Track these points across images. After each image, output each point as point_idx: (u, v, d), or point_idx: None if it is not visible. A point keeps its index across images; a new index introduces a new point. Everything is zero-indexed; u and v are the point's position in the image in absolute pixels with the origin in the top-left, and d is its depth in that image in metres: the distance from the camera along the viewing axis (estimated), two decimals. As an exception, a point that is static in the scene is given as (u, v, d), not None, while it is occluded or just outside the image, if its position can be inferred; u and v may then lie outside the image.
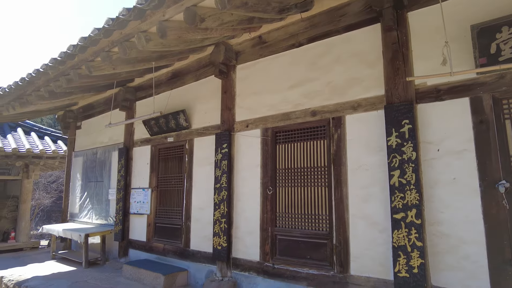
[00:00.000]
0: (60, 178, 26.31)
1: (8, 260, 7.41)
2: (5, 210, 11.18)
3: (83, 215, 7.71)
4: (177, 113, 5.45)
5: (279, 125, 4.32)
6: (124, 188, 6.39)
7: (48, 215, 23.63)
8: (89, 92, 6.46)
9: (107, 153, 7.28)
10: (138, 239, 6.10)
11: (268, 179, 4.32)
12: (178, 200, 5.60)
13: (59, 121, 8.97)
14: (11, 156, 9.63)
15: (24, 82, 5.48)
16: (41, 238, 13.67)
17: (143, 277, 5.01)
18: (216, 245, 4.55)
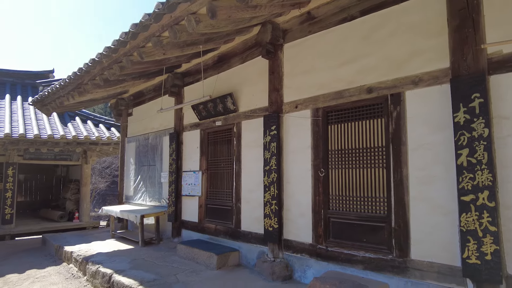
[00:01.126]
0: (113, 163, 28.10)
1: (75, 237, 8.07)
2: (69, 193, 12.18)
3: (137, 198, 8.15)
4: (224, 97, 5.47)
5: (330, 105, 4.16)
6: (176, 171, 6.61)
7: (103, 198, 25.50)
8: (140, 79, 6.68)
9: (158, 138, 7.57)
10: (190, 220, 6.32)
11: (319, 161, 4.21)
12: (227, 182, 5.68)
13: (112, 108, 9.45)
14: (71, 143, 10.39)
15: (81, 72, 5.78)
16: (98, 219, 14.78)
17: (196, 256, 5.19)
18: (267, 226, 4.56)
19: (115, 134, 11.30)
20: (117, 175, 27.71)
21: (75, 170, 13.26)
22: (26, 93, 13.26)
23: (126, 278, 4.55)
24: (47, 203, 14.87)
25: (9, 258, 7.48)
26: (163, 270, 4.86)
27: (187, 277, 4.53)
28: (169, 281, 4.36)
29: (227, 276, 4.56)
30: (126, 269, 4.97)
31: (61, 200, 13.61)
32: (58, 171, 15.53)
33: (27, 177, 15.07)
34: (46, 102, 8.20)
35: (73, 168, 13.48)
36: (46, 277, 5.87)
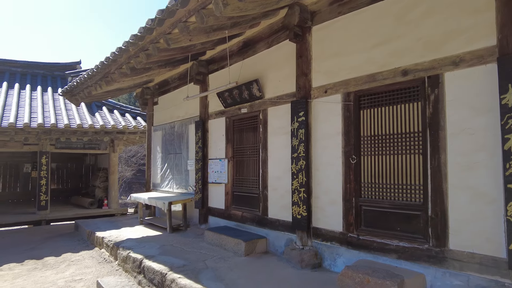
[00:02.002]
0: (138, 152, 28.84)
1: (105, 224, 8.34)
2: (98, 181, 12.57)
3: (164, 185, 8.28)
4: (250, 83, 5.38)
5: (362, 89, 3.99)
6: (202, 159, 6.65)
7: (129, 186, 26.30)
8: (165, 67, 6.69)
9: (184, 127, 7.61)
10: (217, 207, 6.36)
11: (351, 147, 4.07)
12: (254, 170, 5.64)
13: (138, 98, 9.57)
14: (99, 132, 10.66)
15: (108, 61, 5.84)
16: (125, 206, 15.25)
17: (224, 243, 5.22)
18: (296, 214, 4.50)
19: (141, 123, 11.50)
20: (142, 163, 28.55)
21: (103, 159, 13.65)
22: (55, 84, 13.68)
23: (156, 263, 4.63)
24: (77, 190, 15.47)
25: (46, 242, 7.84)
26: (191, 256, 4.92)
27: (215, 263, 4.57)
28: (198, 267, 4.41)
29: (255, 262, 4.56)
30: (156, 255, 5.06)
31: (91, 187, 14.11)
32: (86, 160, 16.07)
33: (59, 165, 15.70)
34: (75, 92, 8.40)
35: (101, 157, 13.88)
36: (81, 261, 6.11)
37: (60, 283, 4.95)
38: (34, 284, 4.95)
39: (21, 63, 14.20)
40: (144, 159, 28.51)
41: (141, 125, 11.37)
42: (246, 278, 3.98)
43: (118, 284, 4.46)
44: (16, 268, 5.80)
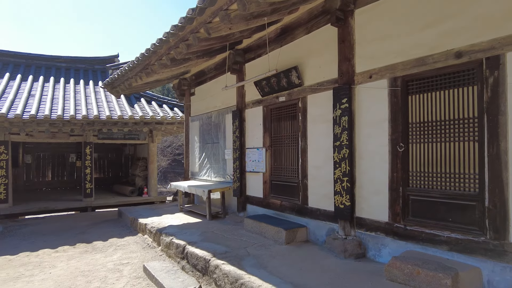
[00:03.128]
0: (173, 143, 29.70)
1: (146, 211, 8.69)
2: (138, 170, 13.08)
3: (202, 174, 8.46)
4: (288, 71, 5.30)
5: (411, 73, 3.79)
6: (240, 148, 6.69)
7: (165, 176, 27.20)
8: (203, 57, 6.74)
9: (221, 116, 7.68)
10: (255, 195, 6.40)
11: (398, 135, 3.90)
12: (292, 159, 5.60)
13: (175, 89, 9.77)
14: (139, 122, 11.03)
15: (149, 53, 5.97)
16: (161, 194, 15.78)
17: (264, 231, 5.26)
18: (338, 203, 4.42)
19: (178, 114, 11.76)
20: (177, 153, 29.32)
21: (142, 149, 14.16)
22: (96, 77, 14.29)
23: (199, 249, 4.76)
24: (118, 179, 16.21)
25: (93, 227, 8.31)
26: (232, 243, 5.00)
27: (256, 250, 4.61)
28: (240, 254, 4.47)
29: (296, 251, 4.55)
30: (198, 241, 5.20)
31: (131, 176, 14.72)
32: (126, 150, 16.75)
33: (100, 155, 16.50)
34: (115, 85, 8.71)
35: (140, 147, 14.40)
36: (126, 246, 6.41)
37: (110, 265, 5.23)
38: (87, 265, 5.26)
39: (65, 59, 14.94)
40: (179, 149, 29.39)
41: (178, 115, 11.63)
42: (288, 266, 3.98)
43: (163, 268, 4.63)
44: (70, 251, 6.20)
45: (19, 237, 7.43)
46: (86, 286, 4.39)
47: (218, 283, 3.98)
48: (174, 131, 13.51)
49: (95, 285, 4.42)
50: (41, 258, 5.79)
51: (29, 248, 6.36)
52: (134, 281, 4.53)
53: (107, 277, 4.70)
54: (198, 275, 4.45)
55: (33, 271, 5.08)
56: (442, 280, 2.95)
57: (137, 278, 4.62)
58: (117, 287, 4.34)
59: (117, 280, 4.59)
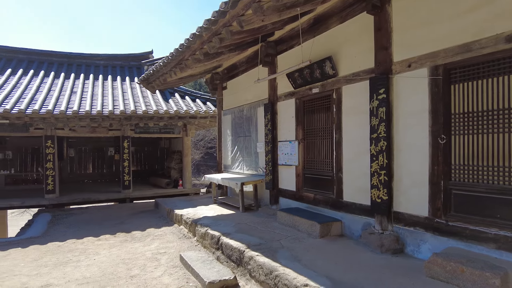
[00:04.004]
0: (205, 136, 30.28)
1: (182, 202, 8.94)
2: (173, 163, 13.47)
3: (235, 166, 8.55)
4: (322, 61, 5.19)
5: (454, 60, 3.58)
6: (272, 141, 6.68)
7: (198, 168, 27.83)
8: (235, 51, 6.77)
9: (252, 110, 7.71)
10: (288, 189, 6.39)
11: (439, 126, 3.71)
12: (326, 152, 5.51)
13: (208, 83, 9.91)
14: (174, 117, 11.33)
15: (183, 48, 6.08)
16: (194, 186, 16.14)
17: (297, 224, 5.24)
18: (375, 197, 4.30)
19: (210, 108, 11.95)
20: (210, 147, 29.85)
21: (176, 142, 14.56)
22: (132, 73, 14.82)
23: (233, 241, 4.83)
24: (153, 171, 16.80)
25: (131, 217, 8.69)
26: (266, 235, 5.03)
27: (290, 243, 4.61)
28: (274, 246, 4.49)
29: (331, 245, 4.50)
30: (232, 233, 5.28)
31: (166, 169, 15.20)
32: (161, 144, 17.29)
33: (137, 149, 17.17)
34: (151, 80, 8.97)
35: (175, 141, 14.81)
36: (163, 236, 6.65)
37: (148, 254, 5.45)
38: (127, 254, 5.52)
39: (102, 56, 15.61)
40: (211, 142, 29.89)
41: (211, 109, 11.81)
42: (323, 259, 3.95)
43: (199, 258, 4.75)
44: (111, 239, 6.53)
45: (65, 225, 7.94)
46: (127, 273, 4.61)
47: (253, 274, 4.03)
48: (207, 125, 13.75)
49: (135, 273, 4.62)
50: (85, 245, 6.15)
51: (75, 236, 6.78)
52: (171, 270, 4.70)
53: (146, 265, 4.90)
54: (232, 266, 4.53)
55: (79, 257, 5.41)
56: (489, 279, 2.79)
57: (174, 267, 4.79)
58: (156, 275, 4.52)
59: (155, 268, 4.78)
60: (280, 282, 3.50)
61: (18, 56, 14.01)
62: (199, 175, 27.85)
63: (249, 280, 4.09)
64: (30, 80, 12.17)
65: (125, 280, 4.35)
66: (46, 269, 4.90)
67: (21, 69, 12.93)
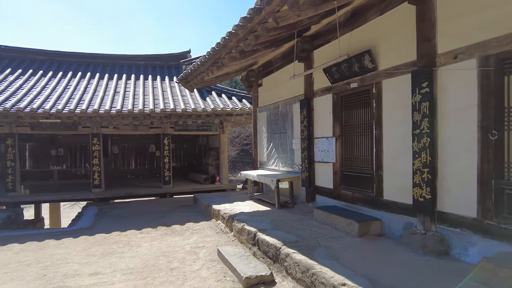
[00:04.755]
0: (241, 133, 30.60)
1: (219, 198, 9.12)
2: (210, 159, 13.78)
3: (270, 163, 8.57)
4: (361, 55, 5.03)
5: (507, 50, 3.31)
6: (308, 138, 6.60)
7: (234, 165, 28.23)
8: (270, 47, 6.75)
9: (288, 106, 7.66)
10: (324, 186, 6.29)
11: (490, 121, 3.46)
12: (365, 149, 5.34)
13: (243, 81, 9.99)
14: (211, 114, 11.56)
15: (219, 47, 6.18)
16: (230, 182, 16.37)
17: (335, 222, 5.14)
18: (417, 196, 4.11)
19: (246, 105, 12.05)
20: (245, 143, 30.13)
21: (213, 139, 14.86)
22: (171, 73, 15.31)
23: (269, 237, 4.85)
24: (191, 168, 17.28)
25: (171, 212, 9.02)
26: (302, 233, 5.00)
27: (327, 241, 4.54)
28: (310, 244, 4.44)
29: (370, 244, 4.37)
30: (268, 229, 5.30)
31: (204, 165, 15.58)
32: (199, 141, 17.73)
33: (177, 146, 17.73)
34: (189, 79, 9.21)
35: (212, 138, 15.12)
36: (201, 230, 6.83)
37: (187, 248, 5.63)
38: (167, 247, 5.74)
39: (143, 57, 16.29)
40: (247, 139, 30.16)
41: (247, 107, 11.91)
42: (361, 258, 3.85)
43: (236, 253, 4.83)
44: (152, 232, 6.82)
45: (110, 218, 8.41)
46: (167, 266, 4.79)
47: (289, 271, 4.02)
48: (243, 122, 13.89)
49: (175, 265, 4.80)
50: (129, 237, 6.48)
51: (119, 228, 7.17)
52: (209, 264, 4.82)
53: (185, 259, 5.07)
54: (269, 262, 4.56)
55: (124, 249, 5.71)
56: (547, 286, 2.57)
57: (212, 261, 4.90)
58: (194, 268, 4.66)
59: (194, 262, 4.93)
60: (317, 280, 3.47)
61: (68, 59, 15.01)
62: (235, 171, 28.25)
63: (286, 277, 4.09)
64: (78, 81, 12.99)
65: (165, 272, 4.53)
66: (94, 259, 5.23)
67: (71, 71, 13.84)
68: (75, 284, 4.23)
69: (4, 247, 6.08)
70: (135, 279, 4.32)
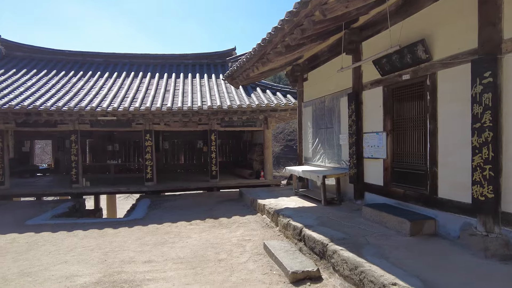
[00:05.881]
0: (285, 129, 30.49)
1: (264, 193, 9.20)
2: (255, 155, 13.92)
3: (316, 159, 8.45)
4: (414, 45, 4.76)
5: None
6: (356, 133, 6.41)
7: (277, 161, 28.27)
8: (317, 41, 6.64)
9: (334, 100, 7.49)
10: (374, 183, 6.07)
11: None
12: (419, 144, 5.07)
13: (288, 76, 9.93)
14: (255, 110, 11.66)
15: (264, 42, 6.19)
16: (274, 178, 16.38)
17: (385, 221, 4.95)
18: (477, 195, 3.82)
19: (291, 100, 11.98)
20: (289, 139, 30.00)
21: (258, 135, 14.98)
22: (217, 71, 15.67)
23: (316, 233, 4.80)
24: (236, 163, 17.59)
25: (218, 205, 9.28)
26: (350, 230, 4.88)
27: (377, 240, 4.39)
28: (359, 242, 4.33)
29: (423, 244, 4.15)
30: (314, 225, 5.25)
31: (248, 160, 15.80)
32: (244, 137, 17.98)
33: (223, 142, 18.16)
34: (235, 76, 9.37)
35: (257, 133, 15.26)
36: (247, 224, 6.95)
37: (234, 240, 5.76)
38: (215, 238, 5.93)
39: (190, 56, 16.85)
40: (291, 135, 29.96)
41: (291, 102, 11.83)
42: (414, 259, 3.67)
43: (282, 248, 4.85)
44: (201, 224, 7.08)
45: (162, 210, 8.86)
46: (215, 257, 4.95)
47: (336, 268, 3.96)
48: (287, 118, 13.83)
49: (223, 257, 4.94)
50: (179, 228, 6.79)
51: (170, 220, 7.53)
52: (255, 257, 4.89)
53: (232, 251, 5.20)
54: (315, 258, 4.52)
55: (174, 239, 5.99)
56: None
57: (258, 255, 4.97)
58: (241, 260, 4.76)
59: (240, 254, 5.04)
60: (365, 278, 3.37)
61: (122, 60, 16.01)
62: (279, 167, 28.24)
63: (333, 274, 4.03)
64: (131, 81, 13.80)
65: (213, 263, 4.68)
66: (148, 247, 5.55)
67: (125, 71, 14.75)
68: (131, 270, 4.53)
69: (71, 233, 6.69)
70: (185, 268, 4.53)
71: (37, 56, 15.36)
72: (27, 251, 5.54)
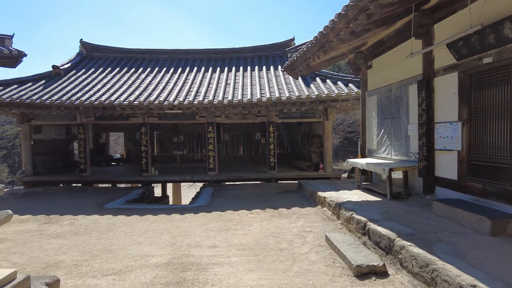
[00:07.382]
0: (344, 120, 29.52)
1: (324, 185, 9.06)
2: (313, 147, 13.72)
3: (381, 151, 8.05)
4: (498, 23, 4.25)
5: None
6: (427, 123, 5.96)
7: (336, 154, 27.53)
8: (383, 25, 6.27)
9: (402, 88, 7.03)
10: (446, 177, 5.62)
11: None
12: (501, 134, 4.55)
13: (350, 64, 9.57)
14: (315, 101, 11.46)
15: (327, 30, 6.03)
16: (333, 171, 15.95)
17: (459, 217, 4.57)
18: None
19: (353, 90, 11.53)
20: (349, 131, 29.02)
21: (316, 126, 14.71)
22: (275, 62, 15.67)
23: (381, 228, 4.60)
24: (294, 155, 17.51)
25: (277, 196, 9.36)
26: (419, 226, 4.60)
27: (450, 237, 4.07)
28: (429, 238, 4.06)
29: (506, 245, 3.74)
30: (380, 220, 5.04)
31: (306, 152, 15.62)
32: (302, 128, 17.79)
33: (280, 133, 18.18)
34: (294, 66, 9.27)
35: (315, 125, 14.99)
36: (307, 215, 6.91)
37: (294, 231, 5.78)
38: (275, 228, 6.00)
39: (249, 49, 17.05)
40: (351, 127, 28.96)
41: (353, 91, 11.39)
42: (496, 260, 3.33)
43: (345, 241, 4.74)
44: (261, 214, 7.22)
45: (224, 199, 9.20)
46: (277, 246, 5.01)
47: (404, 265, 3.76)
48: (349, 108, 13.35)
49: (284, 246, 4.98)
50: (241, 216, 7.00)
51: (232, 208, 7.80)
52: (317, 248, 4.86)
53: (293, 241, 5.22)
54: (381, 253, 4.34)
55: (237, 226, 6.20)
56: None
57: (319, 246, 4.93)
58: (303, 251, 4.76)
59: (302, 245, 5.04)
60: (438, 277, 3.16)
61: (186, 56, 16.80)
62: (338, 160, 27.47)
63: (400, 270, 3.84)
64: (195, 75, 14.43)
65: (275, 252, 4.75)
66: (212, 233, 5.82)
67: (188, 67, 15.47)
68: (198, 253, 4.79)
69: (143, 217, 7.28)
70: (248, 255, 4.66)
71: (111, 56, 16.82)
72: (107, 231, 6.17)
